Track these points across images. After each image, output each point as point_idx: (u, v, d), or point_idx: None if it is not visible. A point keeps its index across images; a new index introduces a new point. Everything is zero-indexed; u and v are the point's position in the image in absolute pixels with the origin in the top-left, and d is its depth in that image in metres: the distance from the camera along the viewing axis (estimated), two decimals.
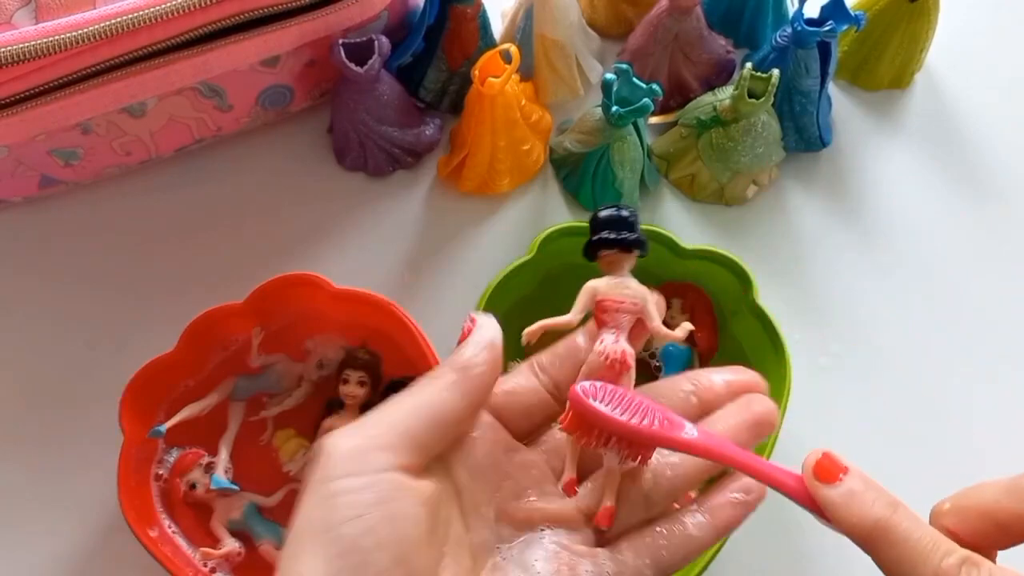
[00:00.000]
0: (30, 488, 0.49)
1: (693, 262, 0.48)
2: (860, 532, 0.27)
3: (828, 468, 0.28)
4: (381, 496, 0.27)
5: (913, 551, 0.26)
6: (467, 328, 0.32)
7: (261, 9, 0.47)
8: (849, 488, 0.27)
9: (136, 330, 0.52)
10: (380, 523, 0.27)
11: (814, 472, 0.28)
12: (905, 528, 0.26)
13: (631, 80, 0.50)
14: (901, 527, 0.26)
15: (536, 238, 0.48)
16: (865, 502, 0.27)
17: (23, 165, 0.50)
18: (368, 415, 0.30)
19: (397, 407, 0.30)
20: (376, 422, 0.29)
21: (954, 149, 0.59)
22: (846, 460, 0.28)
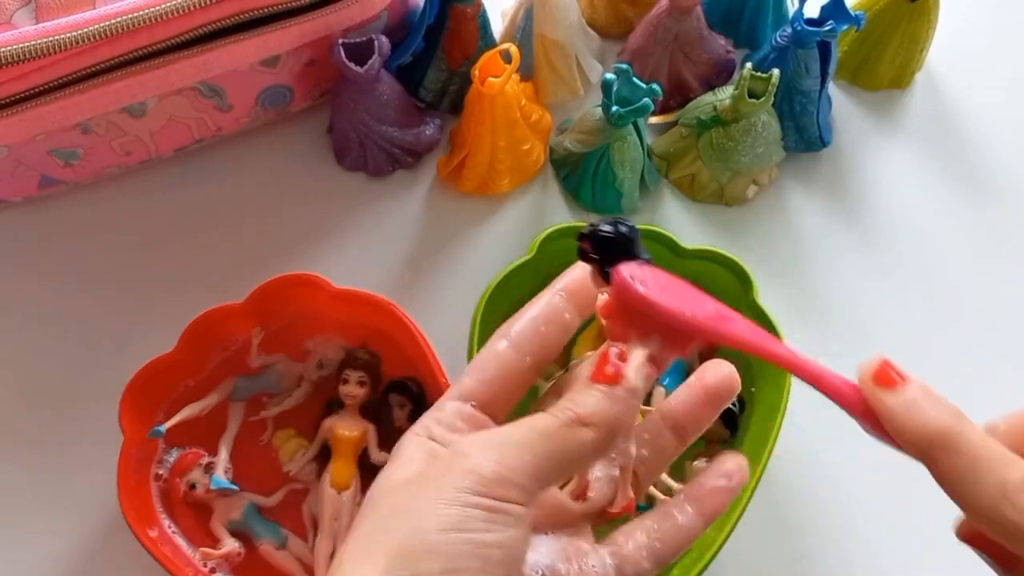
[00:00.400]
0: (30, 488, 0.49)
1: (693, 262, 0.48)
2: (922, 441, 0.25)
3: (887, 375, 0.26)
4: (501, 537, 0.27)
5: (978, 461, 0.25)
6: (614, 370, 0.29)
7: (261, 9, 0.47)
8: (910, 395, 0.26)
9: (136, 330, 0.52)
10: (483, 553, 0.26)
11: (873, 378, 0.26)
12: (970, 438, 0.25)
13: (631, 80, 0.50)
14: (966, 436, 0.25)
15: (536, 238, 0.48)
16: (928, 409, 0.26)
17: (23, 165, 0.50)
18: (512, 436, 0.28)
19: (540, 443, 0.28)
20: (519, 451, 0.28)
21: (954, 149, 0.59)
22: (905, 370, 0.27)
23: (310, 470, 0.48)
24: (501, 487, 0.27)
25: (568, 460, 0.28)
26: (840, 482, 0.50)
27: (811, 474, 0.50)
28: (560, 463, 0.28)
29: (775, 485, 0.49)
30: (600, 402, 0.28)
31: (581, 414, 0.28)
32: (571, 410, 0.28)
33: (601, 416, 0.28)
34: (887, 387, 0.26)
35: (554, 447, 0.28)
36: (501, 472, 0.27)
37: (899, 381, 0.26)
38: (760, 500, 0.44)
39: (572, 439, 0.28)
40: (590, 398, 0.29)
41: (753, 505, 0.43)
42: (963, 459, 0.25)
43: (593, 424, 0.28)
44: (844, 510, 0.49)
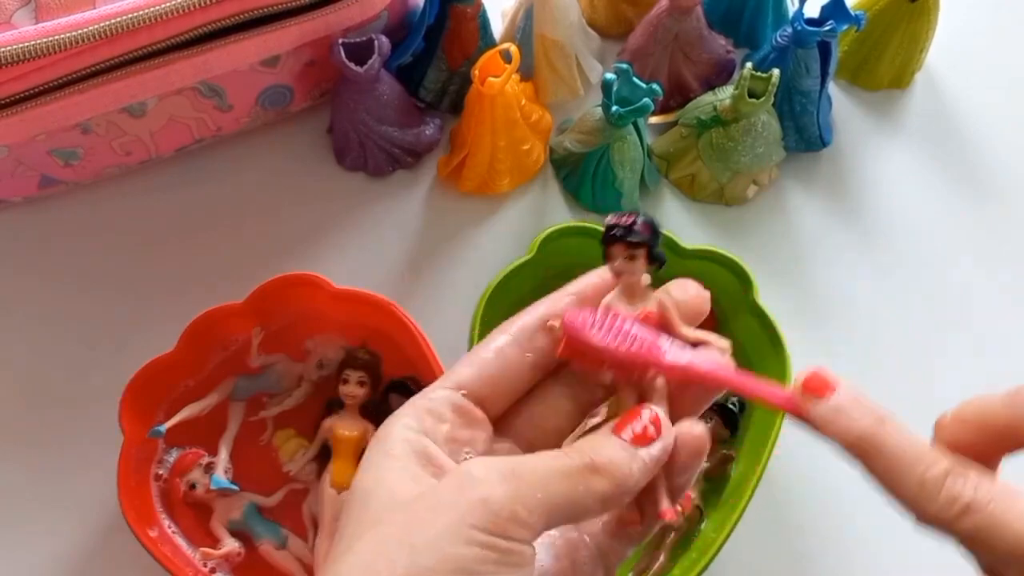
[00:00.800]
0: (30, 488, 0.49)
1: (693, 262, 0.48)
2: (847, 444, 0.27)
3: (817, 384, 0.28)
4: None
5: (899, 462, 0.26)
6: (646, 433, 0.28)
7: (261, 9, 0.47)
8: (836, 404, 0.27)
9: (136, 330, 0.52)
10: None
11: (803, 388, 0.28)
12: (892, 440, 0.27)
13: (631, 80, 0.50)
14: (887, 439, 0.27)
15: (536, 238, 0.48)
16: (852, 415, 0.27)
17: (23, 165, 0.50)
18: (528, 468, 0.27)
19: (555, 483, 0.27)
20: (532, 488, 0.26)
21: (954, 149, 0.59)
22: (837, 378, 0.28)
23: (310, 470, 0.48)
24: (514, 526, 0.25)
25: (575, 507, 0.27)
26: (840, 482, 0.50)
27: (811, 474, 0.50)
28: (567, 509, 0.27)
29: (775, 485, 0.49)
30: (621, 456, 0.27)
31: (597, 461, 0.27)
32: (588, 456, 0.27)
33: (619, 469, 0.27)
34: (815, 395, 0.28)
35: (566, 489, 0.27)
36: (515, 510, 0.25)
37: (827, 389, 0.28)
38: (760, 500, 0.44)
39: (584, 485, 0.27)
40: (611, 449, 0.28)
41: (753, 505, 0.43)
42: (886, 460, 0.26)
43: (608, 475, 0.27)
44: (844, 510, 0.49)
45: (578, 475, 0.27)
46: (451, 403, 0.30)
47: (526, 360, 0.31)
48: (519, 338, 0.31)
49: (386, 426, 0.29)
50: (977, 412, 0.28)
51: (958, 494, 0.25)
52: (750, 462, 0.45)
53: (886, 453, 0.26)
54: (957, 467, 0.26)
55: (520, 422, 0.31)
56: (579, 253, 0.49)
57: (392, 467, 0.28)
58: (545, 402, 0.31)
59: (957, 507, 0.25)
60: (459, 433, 0.29)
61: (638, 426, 0.28)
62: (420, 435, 0.29)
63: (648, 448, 0.28)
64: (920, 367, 0.53)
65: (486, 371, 0.30)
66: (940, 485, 0.26)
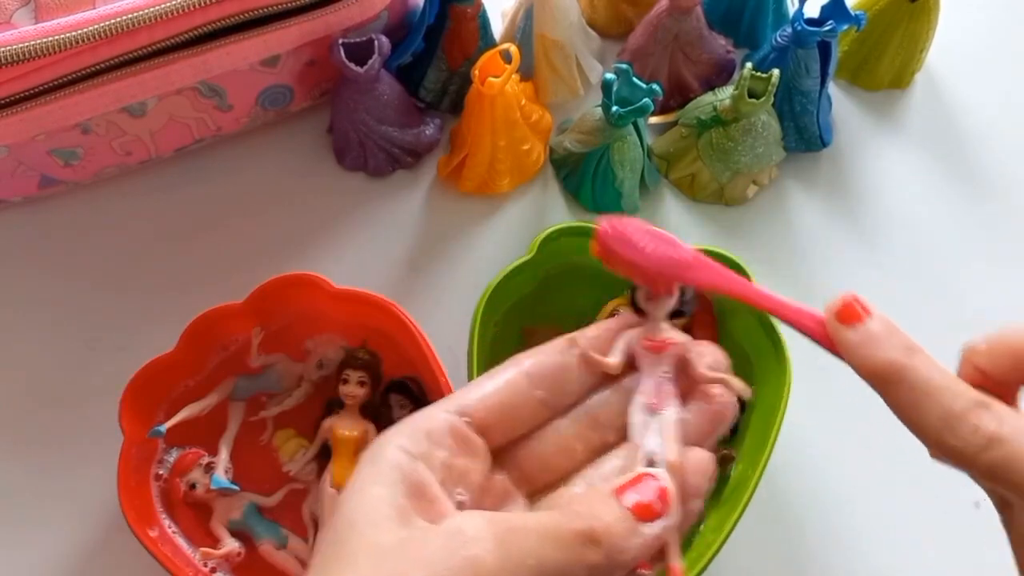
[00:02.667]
0: (30, 488, 0.49)
1: None
2: (873, 373, 0.27)
3: (849, 311, 0.27)
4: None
5: (925, 394, 0.26)
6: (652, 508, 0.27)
7: (261, 9, 0.47)
8: (868, 330, 0.27)
9: (136, 330, 0.52)
10: None
11: (836, 314, 0.28)
12: (920, 372, 0.26)
13: (631, 80, 0.50)
14: (916, 370, 0.26)
15: (536, 238, 0.48)
16: (881, 344, 0.27)
17: (23, 165, 0.50)
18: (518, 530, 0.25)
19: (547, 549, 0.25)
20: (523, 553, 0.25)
21: (954, 149, 0.59)
22: (870, 305, 0.28)
23: (310, 470, 0.48)
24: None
25: (565, 575, 0.25)
26: (840, 482, 0.50)
27: (811, 474, 0.50)
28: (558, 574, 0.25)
29: (775, 485, 0.49)
30: (620, 527, 0.26)
31: (596, 530, 0.25)
32: (588, 523, 0.25)
33: (616, 542, 0.26)
34: (848, 323, 0.27)
35: (558, 557, 0.25)
36: (502, 575, 0.24)
37: (861, 316, 0.27)
38: (760, 500, 0.44)
39: (577, 554, 0.25)
40: (611, 516, 0.26)
41: (753, 505, 0.43)
42: (911, 391, 0.26)
43: (604, 547, 0.25)
44: (844, 510, 0.49)
45: (573, 543, 0.25)
46: (452, 428, 0.28)
47: (535, 396, 0.29)
48: (532, 374, 0.30)
49: (380, 444, 0.27)
50: (1010, 341, 0.27)
51: (983, 426, 0.25)
52: (750, 462, 0.45)
53: (913, 382, 0.26)
54: (983, 399, 0.26)
55: (523, 456, 0.30)
56: (579, 253, 0.49)
57: (378, 497, 0.26)
58: (552, 440, 0.30)
59: (980, 439, 0.25)
60: (456, 461, 0.28)
61: (644, 496, 0.26)
62: (414, 460, 0.27)
63: (651, 525, 0.26)
64: None
65: (493, 400, 0.29)
66: (965, 417, 0.25)
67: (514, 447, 0.30)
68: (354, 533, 0.25)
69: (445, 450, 0.28)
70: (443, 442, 0.28)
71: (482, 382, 0.30)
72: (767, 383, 0.47)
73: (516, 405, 0.29)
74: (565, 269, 0.50)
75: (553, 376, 0.30)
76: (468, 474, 0.28)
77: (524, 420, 0.30)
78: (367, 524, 0.25)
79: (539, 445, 0.30)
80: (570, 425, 0.30)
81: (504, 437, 0.29)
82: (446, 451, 0.28)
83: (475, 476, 0.28)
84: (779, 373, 0.45)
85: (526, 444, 0.30)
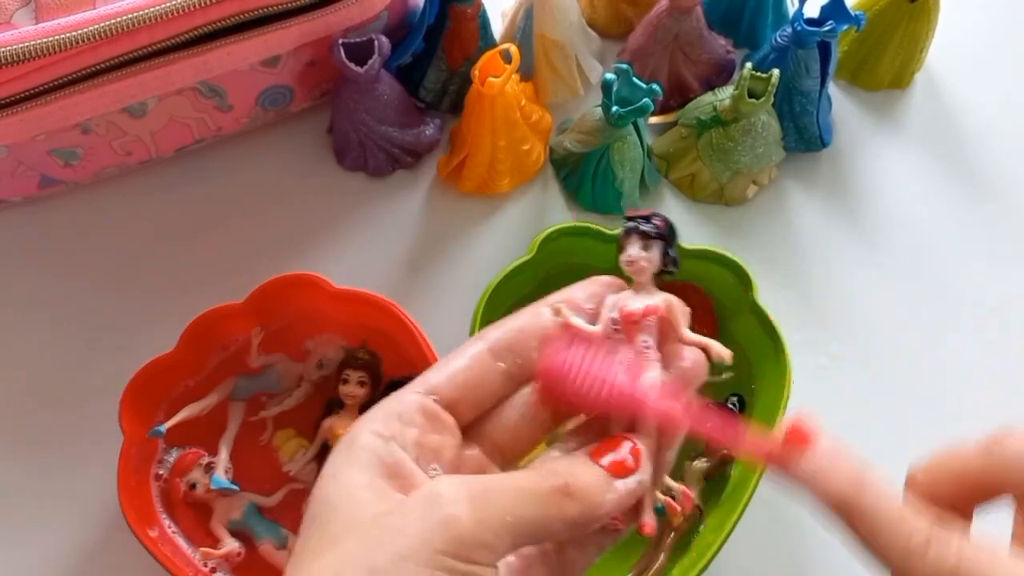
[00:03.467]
0: (30, 487, 0.49)
1: (693, 262, 0.48)
2: (831, 506, 0.27)
3: (797, 436, 0.28)
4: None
5: (880, 526, 0.26)
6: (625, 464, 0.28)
7: (261, 9, 0.47)
8: (816, 463, 0.27)
9: (136, 330, 0.52)
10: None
11: (784, 441, 0.28)
12: (870, 503, 0.27)
13: (631, 80, 0.50)
14: (867, 503, 0.27)
15: (536, 238, 0.48)
16: (831, 477, 0.27)
17: (23, 165, 0.50)
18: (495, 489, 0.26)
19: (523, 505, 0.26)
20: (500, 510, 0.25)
21: (954, 149, 0.59)
22: (815, 430, 0.28)
23: (310, 470, 0.48)
24: (478, 549, 0.25)
25: (542, 531, 0.26)
26: None
27: None
28: (535, 532, 0.26)
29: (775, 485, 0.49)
30: (596, 483, 0.27)
31: (572, 485, 0.26)
32: (564, 479, 0.26)
33: (592, 496, 0.27)
34: (795, 446, 0.27)
35: (535, 512, 0.26)
36: (479, 533, 0.25)
37: (805, 441, 0.27)
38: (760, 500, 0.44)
39: (554, 508, 0.26)
40: (587, 475, 0.27)
41: (753, 505, 0.43)
42: (867, 524, 0.27)
43: (580, 501, 0.26)
44: None
45: (549, 498, 0.26)
46: (421, 407, 0.29)
47: (499, 369, 0.30)
48: (495, 347, 0.30)
49: (353, 431, 0.28)
50: (949, 466, 0.28)
51: (942, 562, 0.25)
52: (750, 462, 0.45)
53: (867, 517, 0.27)
54: (939, 535, 0.26)
55: (491, 428, 0.30)
56: (579, 253, 0.49)
57: (356, 480, 0.27)
58: (518, 409, 0.31)
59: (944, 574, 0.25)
60: (428, 438, 0.28)
61: (617, 455, 0.28)
62: (388, 442, 0.28)
63: (625, 480, 0.27)
64: (920, 366, 0.53)
65: (458, 377, 0.30)
66: (923, 552, 0.26)
67: (483, 420, 0.30)
68: (336, 514, 0.26)
69: (416, 428, 0.28)
70: (414, 421, 0.28)
71: (449, 360, 0.30)
72: (767, 383, 0.47)
73: (481, 380, 0.30)
74: (565, 269, 0.49)
75: (515, 347, 0.30)
76: (441, 450, 0.29)
77: (490, 393, 0.30)
78: (346, 504, 0.26)
79: (507, 416, 0.30)
80: (534, 395, 0.30)
81: (473, 412, 0.30)
82: (417, 429, 0.28)
83: (448, 452, 0.29)
84: (779, 373, 0.45)
85: (494, 416, 0.30)
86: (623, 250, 0.31)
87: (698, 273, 0.49)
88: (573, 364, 0.29)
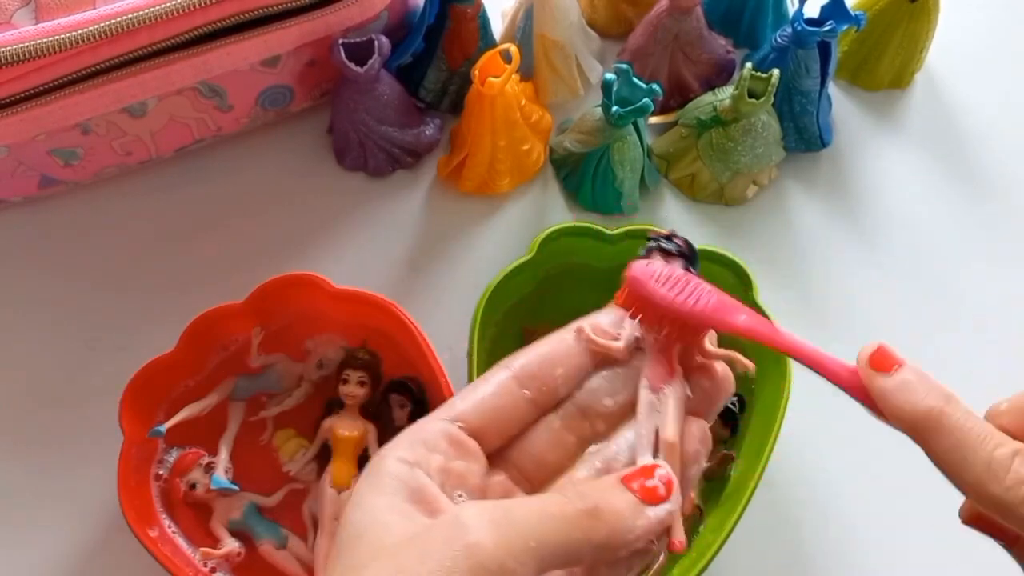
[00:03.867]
0: (30, 487, 0.49)
1: None
2: (912, 421, 0.27)
3: (883, 359, 0.28)
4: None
5: (965, 440, 0.26)
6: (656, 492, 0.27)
7: (261, 9, 0.47)
8: (903, 378, 0.27)
9: (136, 330, 0.52)
10: None
11: (869, 362, 0.28)
12: (958, 418, 0.26)
13: (631, 80, 0.50)
14: (954, 417, 0.26)
15: (536, 238, 0.48)
16: (918, 392, 0.27)
17: (23, 165, 0.50)
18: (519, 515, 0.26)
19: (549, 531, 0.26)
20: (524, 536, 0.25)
21: (954, 149, 0.59)
22: (902, 355, 0.28)
23: (310, 470, 0.48)
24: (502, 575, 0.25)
25: (569, 555, 0.26)
26: (840, 482, 0.50)
27: (811, 474, 0.50)
28: (562, 555, 0.26)
29: (775, 485, 0.49)
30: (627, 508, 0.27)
31: (602, 509, 0.26)
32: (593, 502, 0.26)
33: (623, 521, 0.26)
34: (882, 371, 0.27)
35: (561, 536, 0.26)
36: (503, 558, 0.25)
37: (894, 365, 0.28)
38: (760, 500, 0.44)
39: (581, 531, 0.26)
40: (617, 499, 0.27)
41: (753, 505, 0.43)
42: (952, 439, 0.26)
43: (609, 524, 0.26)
44: (844, 510, 0.49)
45: (577, 521, 0.26)
46: (446, 434, 0.29)
47: (524, 396, 0.30)
48: (520, 375, 0.30)
49: (379, 459, 0.28)
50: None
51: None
52: (750, 462, 0.45)
53: (953, 430, 0.26)
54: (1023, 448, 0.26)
55: (517, 455, 0.30)
56: (579, 253, 0.49)
57: (382, 506, 0.27)
58: (543, 435, 0.31)
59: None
60: (453, 464, 0.29)
61: (649, 482, 0.27)
62: (413, 468, 0.28)
63: (655, 508, 0.27)
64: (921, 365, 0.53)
65: (484, 404, 0.30)
66: (1008, 465, 0.25)
67: (509, 447, 0.30)
68: (361, 542, 0.26)
69: (441, 455, 0.28)
70: (438, 447, 0.29)
71: (474, 387, 0.30)
72: (767, 384, 0.47)
73: (506, 406, 0.30)
74: (565, 269, 0.50)
75: (540, 374, 0.30)
76: (466, 476, 0.29)
77: (516, 420, 0.30)
78: (371, 530, 0.26)
79: (532, 442, 0.31)
80: (558, 419, 0.31)
81: (499, 439, 0.30)
82: (442, 455, 0.28)
83: (473, 478, 0.29)
84: (779, 373, 0.45)
85: (520, 443, 0.31)
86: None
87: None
88: (661, 274, 0.30)
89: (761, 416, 0.47)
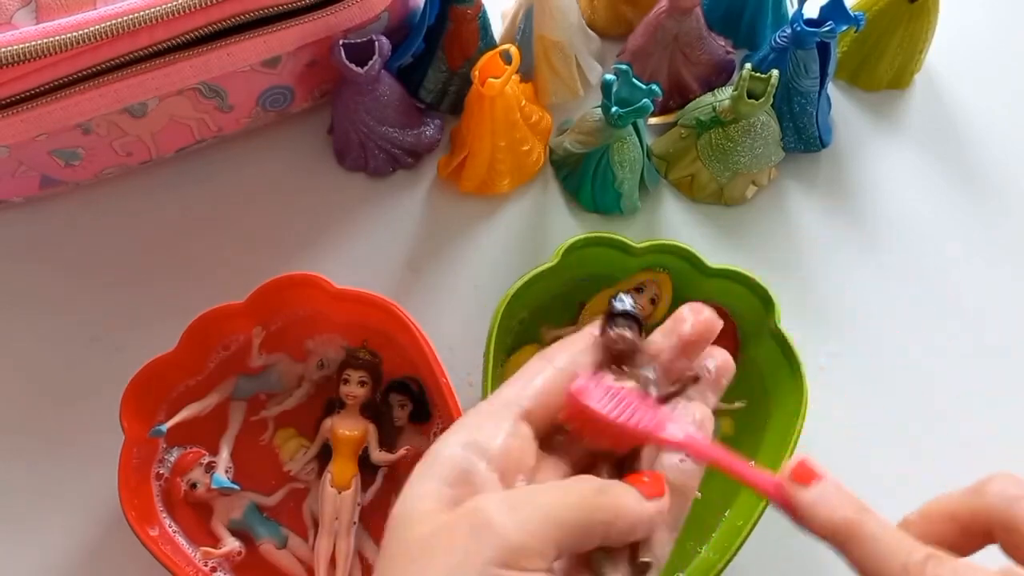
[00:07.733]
0: (31, 486, 0.49)
1: (717, 281, 0.48)
2: (831, 531, 0.28)
3: (803, 473, 0.29)
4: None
5: (880, 549, 0.27)
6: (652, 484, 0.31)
7: (261, 10, 0.47)
8: (821, 491, 0.29)
9: (137, 330, 0.52)
10: None
11: (792, 475, 0.29)
12: (873, 528, 0.28)
13: (631, 81, 0.50)
14: (868, 527, 0.28)
15: (560, 245, 0.48)
16: (833, 503, 0.28)
17: (24, 165, 0.50)
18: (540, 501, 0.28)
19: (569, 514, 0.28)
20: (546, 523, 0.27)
21: (953, 149, 0.59)
22: (822, 469, 0.30)
23: (310, 470, 0.48)
24: (526, 556, 0.26)
25: (585, 532, 0.28)
26: None
27: None
28: (578, 533, 0.28)
29: None
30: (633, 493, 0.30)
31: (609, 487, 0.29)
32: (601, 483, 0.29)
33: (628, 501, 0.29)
34: (802, 483, 0.29)
35: (582, 517, 0.28)
36: (525, 540, 0.27)
37: (813, 478, 0.29)
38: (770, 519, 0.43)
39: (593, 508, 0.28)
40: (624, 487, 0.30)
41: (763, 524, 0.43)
42: (868, 547, 0.28)
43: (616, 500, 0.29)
44: None
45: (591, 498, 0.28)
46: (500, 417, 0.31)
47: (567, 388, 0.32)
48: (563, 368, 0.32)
49: (436, 444, 0.30)
50: (941, 508, 0.29)
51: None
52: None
53: (869, 540, 0.28)
54: (937, 553, 0.27)
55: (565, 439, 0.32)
56: (602, 264, 0.49)
57: (424, 492, 0.29)
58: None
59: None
60: (512, 446, 0.30)
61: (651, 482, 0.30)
62: (468, 452, 0.29)
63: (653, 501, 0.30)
64: (920, 366, 0.53)
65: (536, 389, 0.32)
66: (922, 570, 0.26)
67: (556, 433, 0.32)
68: (401, 531, 0.28)
69: (504, 435, 0.30)
70: (499, 429, 0.30)
71: (521, 376, 0.32)
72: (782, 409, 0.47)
73: (554, 393, 0.32)
74: (585, 278, 0.49)
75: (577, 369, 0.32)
76: (523, 458, 0.31)
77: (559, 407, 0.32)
78: (409, 520, 0.28)
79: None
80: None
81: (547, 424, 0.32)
82: (504, 436, 0.30)
83: (528, 460, 0.31)
84: (796, 398, 0.45)
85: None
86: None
87: (721, 292, 0.48)
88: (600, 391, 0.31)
89: (774, 441, 0.46)
